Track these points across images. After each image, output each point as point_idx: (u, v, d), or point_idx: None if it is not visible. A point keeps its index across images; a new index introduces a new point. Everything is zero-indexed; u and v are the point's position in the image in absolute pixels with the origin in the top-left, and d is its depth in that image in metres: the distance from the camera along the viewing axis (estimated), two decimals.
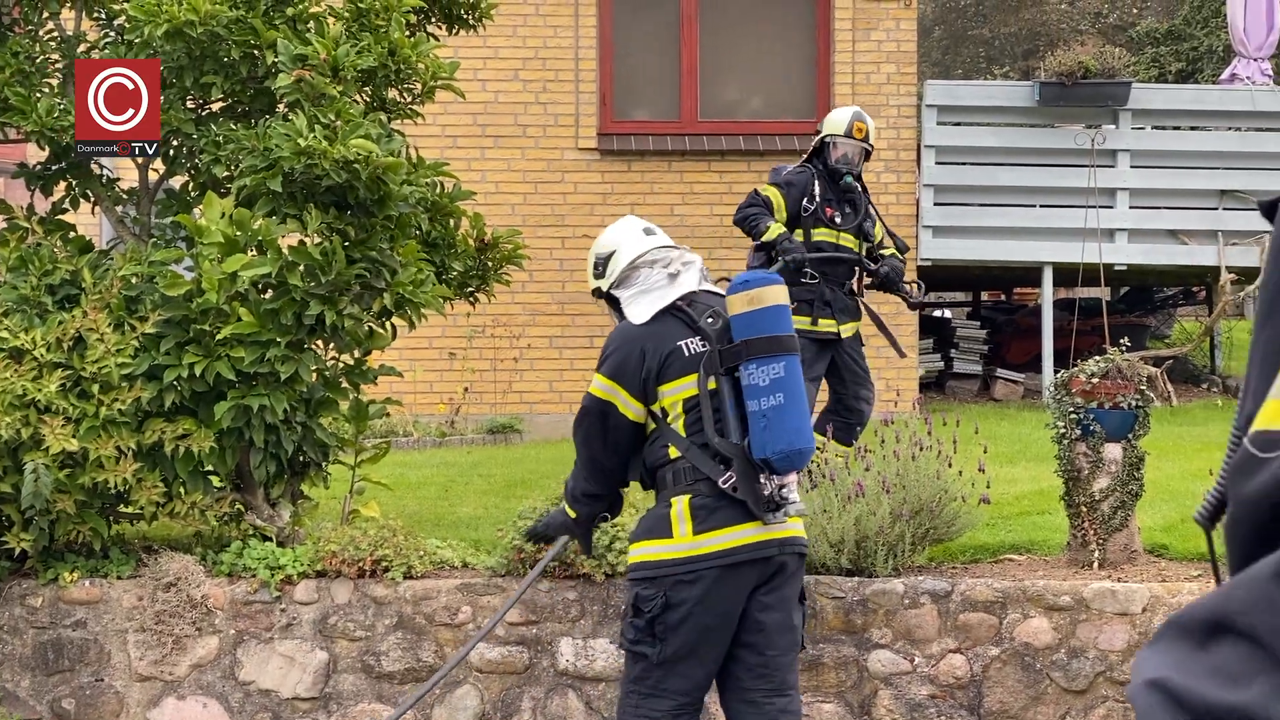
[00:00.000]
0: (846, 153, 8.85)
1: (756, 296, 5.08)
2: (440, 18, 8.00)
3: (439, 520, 8.18)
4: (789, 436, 4.99)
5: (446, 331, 12.20)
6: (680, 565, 5.04)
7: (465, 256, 7.84)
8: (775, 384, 5.01)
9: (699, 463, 5.09)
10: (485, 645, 6.90)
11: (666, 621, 5.05)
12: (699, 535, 5.04)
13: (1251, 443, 1.10)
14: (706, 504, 5.05)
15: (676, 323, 5.22)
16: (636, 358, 5.16)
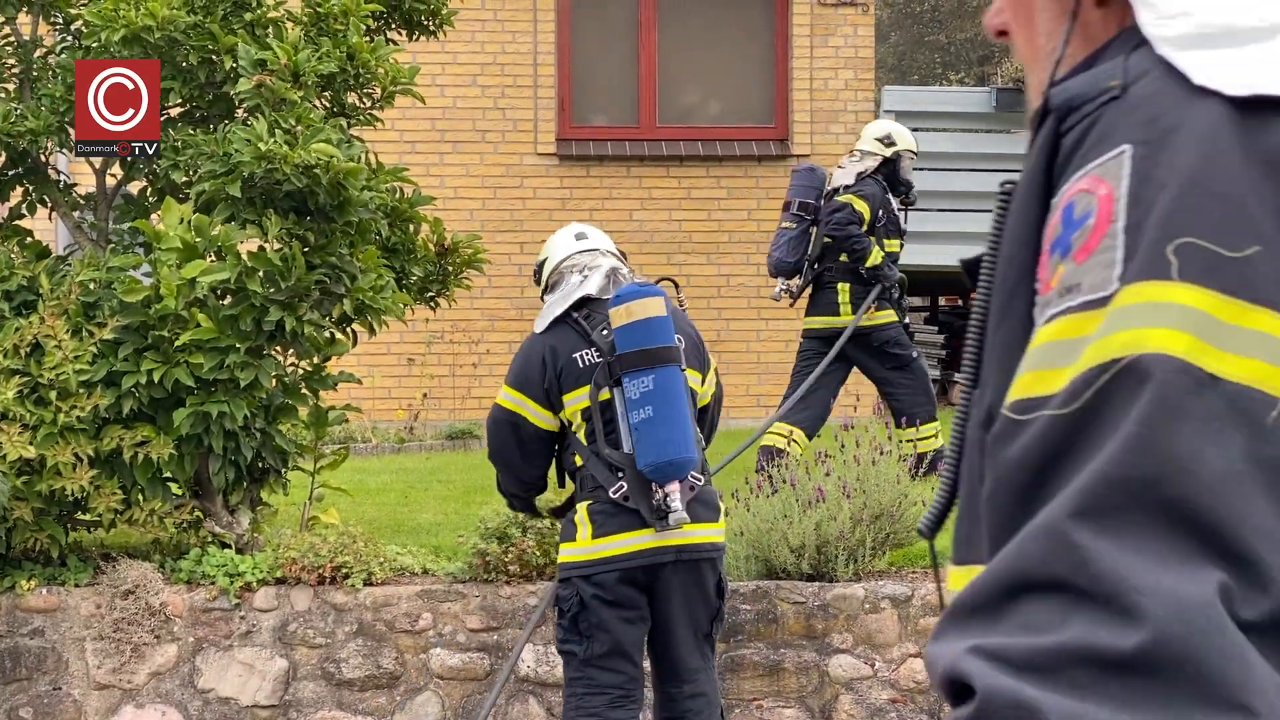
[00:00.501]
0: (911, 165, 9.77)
1: (631, 310, 5.20)
2: (400, 23, 7.97)
3: (399, 526, 8.16)
4: (658, 448, 5.12)
5: (405, 337, 12.16)
6: (582, 567, 5.27)
7: (425, 262, 7.82)
8: (644, 397, 5.15)
9: (596, 472, 5.26)
10: (446, 651, 6.90)
11: (588, 620, 5.26)
12: (596, 539, 5.24)
13: (1011, 410, 1.13)
14: (604, 510, 5.24)
15: (573, 333, 5.36)
16: (538, 367, 5.33)
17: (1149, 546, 1.02)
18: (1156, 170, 1.11)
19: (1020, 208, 1.25)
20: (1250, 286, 1.07)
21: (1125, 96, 1.16)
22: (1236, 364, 1.05)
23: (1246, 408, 1.04)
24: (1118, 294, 1.09)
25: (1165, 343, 1.05)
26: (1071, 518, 1.05)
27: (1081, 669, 1.01)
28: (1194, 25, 1.15)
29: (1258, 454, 1.04)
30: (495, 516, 6.92)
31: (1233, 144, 1.10)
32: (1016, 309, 1.22)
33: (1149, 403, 1.04)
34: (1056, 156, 1.21)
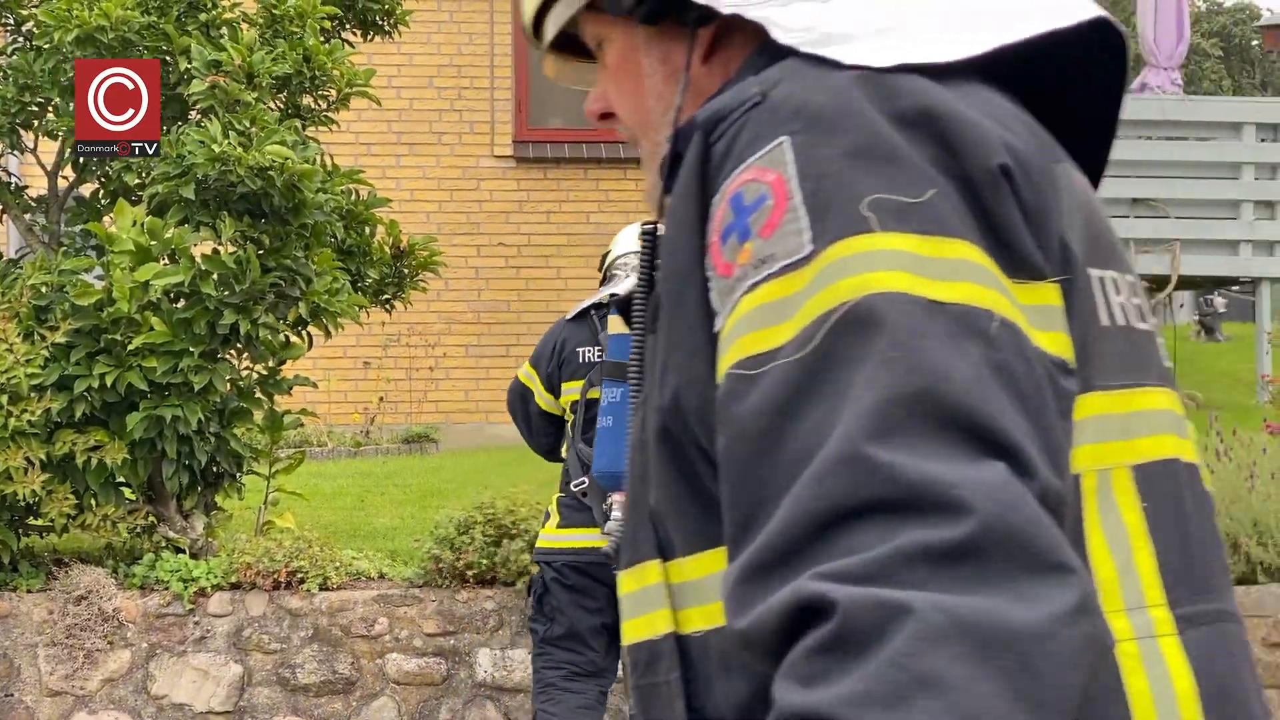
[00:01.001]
0: None
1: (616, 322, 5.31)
2: (355, 24, 7.93)
3: (355, 531, 8.11)
4: (606, 459, 5.17)
5: (361, 340, 12.11)
6: (548, 554, 5.57)
7: (381, 264, 7.78)
8: (610, 407, 5.21)
9: (570, 464, 5.56)
10: (402, 657, 6.86)
11: (550, 602, 5.54)
12: (560, 529, 5.53)
13: (739, 369, 1.23)
14: (570, 504, 5.52)
15: (586, 328, 5.67)
16: (549, 352, 5.69)
17: (941, 450, 1.12)
18: (818, 150, 1.26)
19: (679, 220, 1.36)
20: (940, 223, 1.23)
21: (766, 101, 1.32)
22: (951, 289, 1.19)
23: (973, 323, 1.19)
24: (819, 254, 1.22)
25: (887, 282, 1.19)
26: (867, 442, 1.12)
27: (921, 566, 1.08)
28: (821, 34, 1.36)
29: (992, 360, 1.18)
30: (450, 521, 6.88)
31: (876, 113, 1.27)
32: (688, 301, 1.33)
33: (894, 330, 1.16)
34: (708, 166, 1.34)
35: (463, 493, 7.72)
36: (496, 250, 12.76)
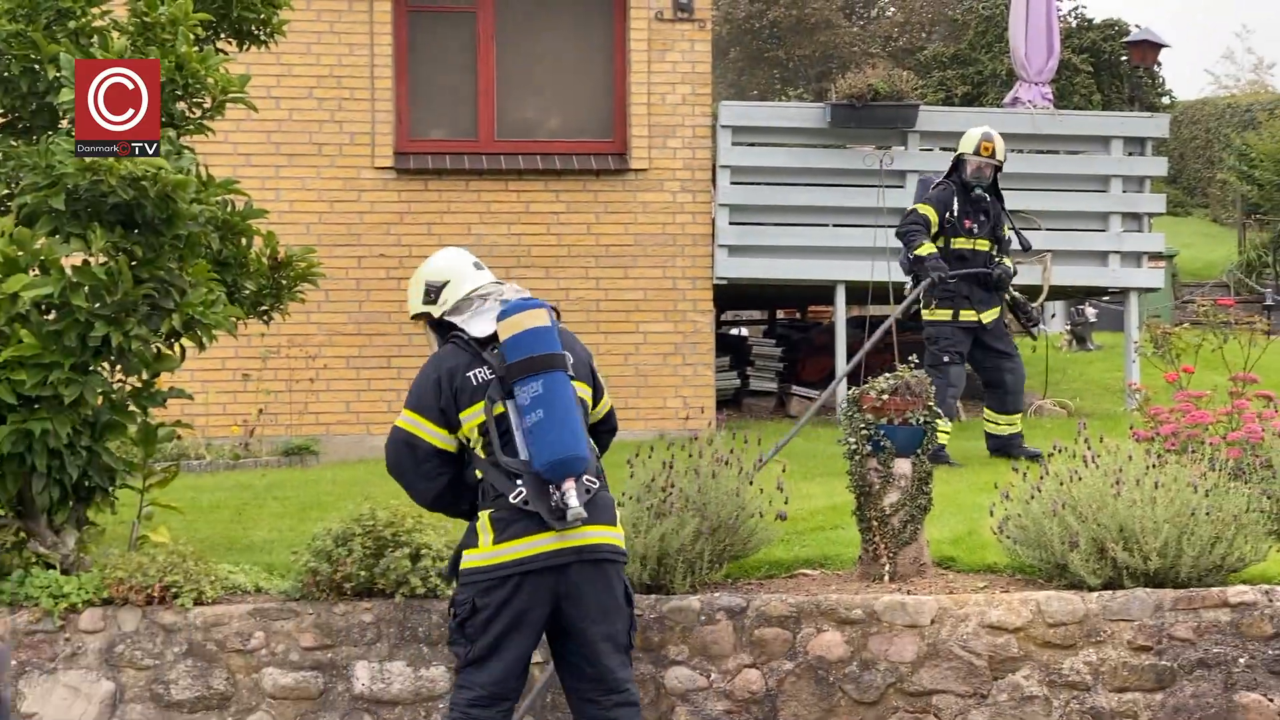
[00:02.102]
0: (979, 167, 10.73)
1: (514, 323, 5.62)
2: (230, 33, 7.88)
3: (232, 544, 8.04)
4: (551, 447, 5.48)
5: (240, 352, 12.00)
6: (483, 572, 5.54)
7: (258, 276, 7.72)
8: (535, 401, 5.54)
9: (495, 481, 5.57)
10: (278, 671, 6.81)
11: (474, 623, 5.55)
12: (498, 545, 5.52)
13: None
14: (505, 516, 5.53)
15: (462, 353, 5.71)
16: (432, 389, 5.68)
17: None
18: None
19: None
20: None
21: None
22: None
23: None
24: None
25: None
26: None
27: None
28: None
29: None
30: (328, 533, 6.85)
31: None
32: None
33: None
34: None
35: (343, 505, 7.66)
36: (377, 261, 12.70)
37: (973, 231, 10.76)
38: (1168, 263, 21.54)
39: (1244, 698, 6.80)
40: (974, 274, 10.66)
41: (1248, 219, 28.80)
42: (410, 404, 5.72)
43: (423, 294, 5.91)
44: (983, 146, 10.79)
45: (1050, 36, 15.60)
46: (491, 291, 5.86)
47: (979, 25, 29.33)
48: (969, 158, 10.80)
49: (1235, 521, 7.00)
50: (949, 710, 6.81)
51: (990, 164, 10.81)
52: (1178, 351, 11.16)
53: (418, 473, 5.71)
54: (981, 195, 10.78)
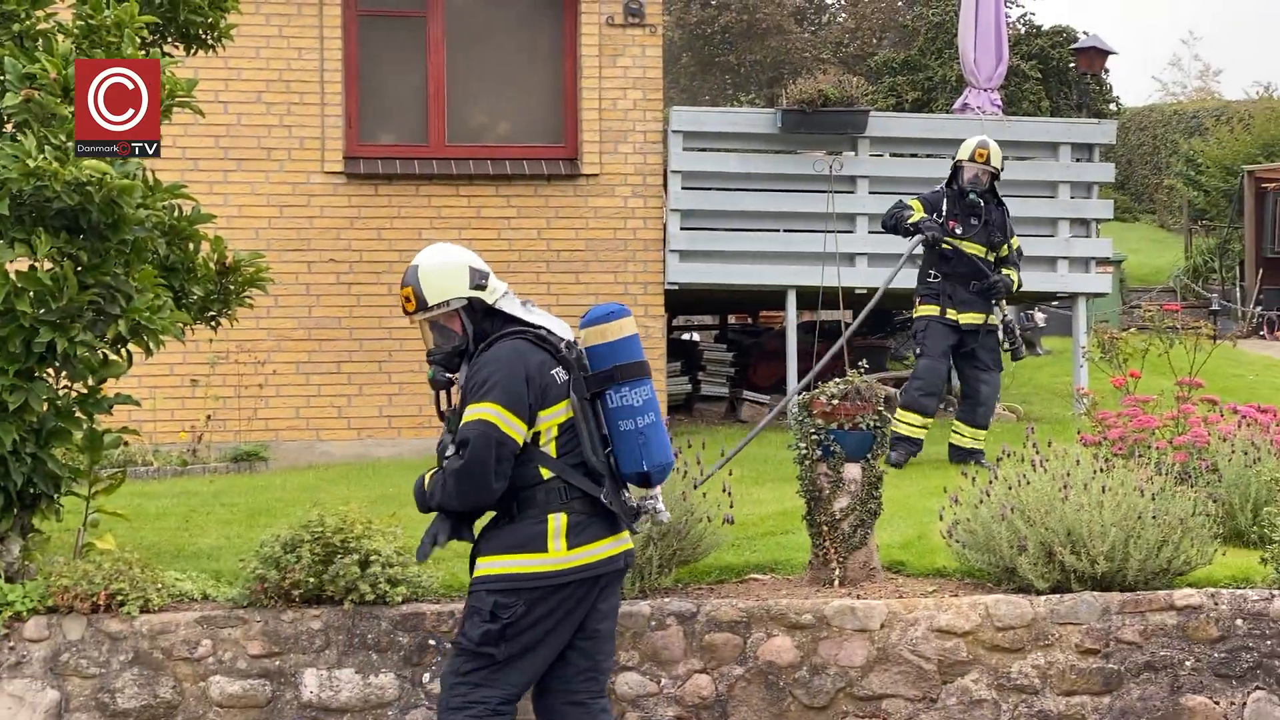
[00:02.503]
0: (975, 174, 11.10)
1: (623, 326, 5.65)
2: (177, 36, 7.82)
3: (179, 551, 7.98)
4: (664, 450, 5.66)
5: (188, 358, 11.92)
6: (551, 577, 5.50)
7: (206, 281, 7.67)
8: (647, 404, 5.61)
9: (575, 480, 5.54)
10: (226, 679, 6.76)
11: (519, 626, 5.49)
12: (572, 550, 5.51)
13: None
14: (580, 521, 5.53)
15: (544, 353, 5.60)
16: (522, 383, 5.49)
17: None
18: None
19: None
20: None
21: None
22: None
23: None
24: None
25: None
26: None
27: None
28: None
29: None
30: (276, 540, 6.81)
31: None
32: None
33: None
34: None
35: (292, 511, 7.63)
36: (327, 267, 12.64)
37: (956, 232, 11.02)
38: (1115, 268, 21.67)
39: (1190, 700, 6.84)
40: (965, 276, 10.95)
41: (1194, 225, 29.04)
42: (498, 399, 5.44)
43: (468, 279, 5.67)
44: (977, 153, 11.13)
45: (999, 43, 15.67)
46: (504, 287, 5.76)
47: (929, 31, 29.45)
48: (965, 164, 11.13)
49: (1181, 525, 7.05)
50: (898, 714, 6.83)
51: (986, 170, 11.12)
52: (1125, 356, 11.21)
53: (497, 472, 5.45)
54: (976, 201, 11.06)
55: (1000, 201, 11.29)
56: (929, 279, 11.02)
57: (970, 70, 15.71)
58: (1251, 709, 6.84)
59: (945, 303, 10.96)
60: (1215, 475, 8.15)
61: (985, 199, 11.13)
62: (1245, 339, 22.33)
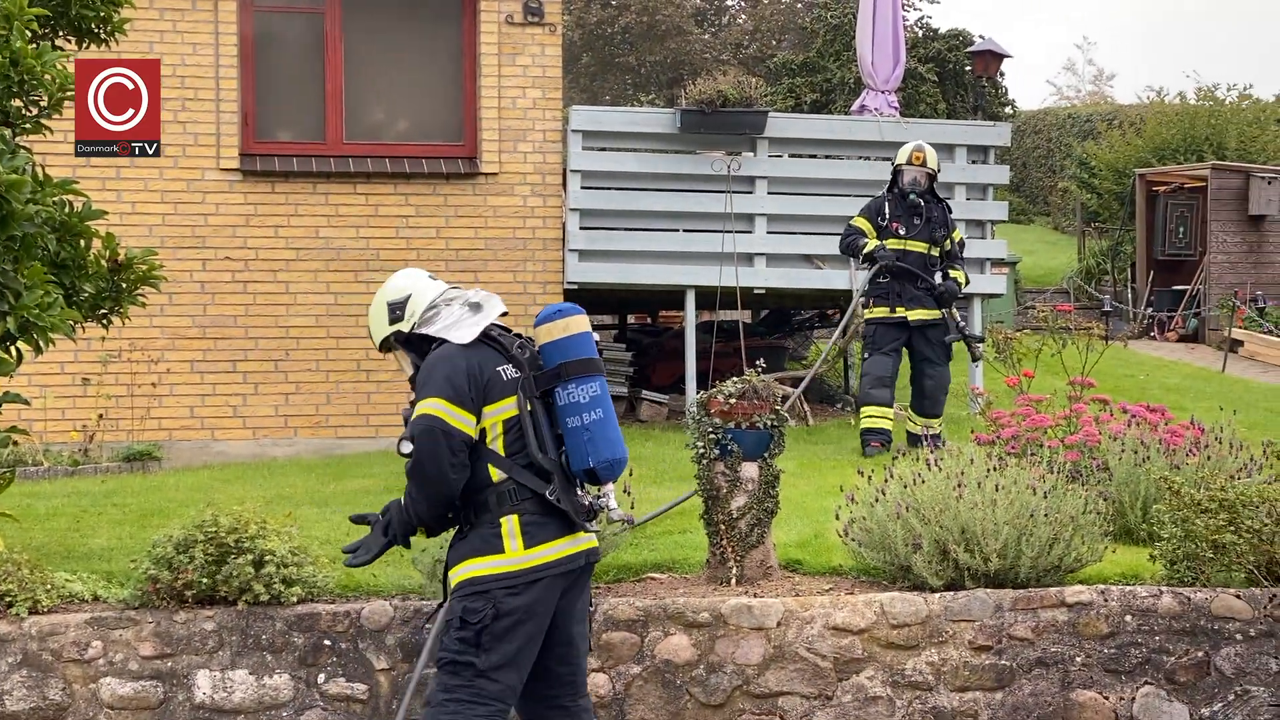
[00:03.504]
0: (914, 176, 11.57)
1: (569, 324, 5.69)
2: (69, 30, 7.70)
3: (69, 552, 7.87)
4: (611, 446, 5.63)
5: (80, 356, 11.76)
6: (511, 578, 5.49)
7: (97, 278, 7.55)
8: (594, 400, 5.62)
9: (524, 480, 5.55)
10: (117, 680, 6.68)
11: (494, 631, 5.46)
12: (529, 550, 5.51)
13: None
14: (534, 520, 5.53)
15: (490, 350, 5.64)
16: (463, 376, 5.54)
17: None
18: None
19: None
20: None
21: None
22: None
23: None
24: None
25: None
26: None
27: None
28: None
29: None
30: (169, 540, 6.73)
31: None
32: None
33: None
34: None
35: (185, 511, 7.55)
36: (223, 265, 12.51)
37: (900, 233, 11.48)
38: (1010, 269, 21.93)
39: (1080, 695, 6.94)
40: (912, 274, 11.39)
41: (1087, 227, 29.42)
42: (439, 392, 5.51)
43: (387, 315, 5.79)
44: (914, 156, 11.62)
45: (896, 46, 15.81)
46: (456, 296, 5.80)
47: (828, 34, 29.64)
48: (904, 168, 11.60)
49: (1073, 523, 7.15)
50: (795, 712, 6.87)
51: (923, 171, 11.60)
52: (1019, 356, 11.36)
53: (452, 464, 5.49)
54: (916, 201, 11.52)
55: (940, 199, 11.75)
56: (879, 281, 11.43)
57: (868, 72, 15.84)
58: (1140, 704, 6.95)
59: (894, 301, 11.40)
60: (1106, 474, 8.27)
61: (925, 198, 11.57)
62: (1136, 339, 22.67)
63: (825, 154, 14.61)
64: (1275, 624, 6.98)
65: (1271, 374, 18.63)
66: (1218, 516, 7.10)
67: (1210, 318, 22.96)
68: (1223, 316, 22.03)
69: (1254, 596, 7.02)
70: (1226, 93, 30.31)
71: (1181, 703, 6.96)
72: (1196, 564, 7.15)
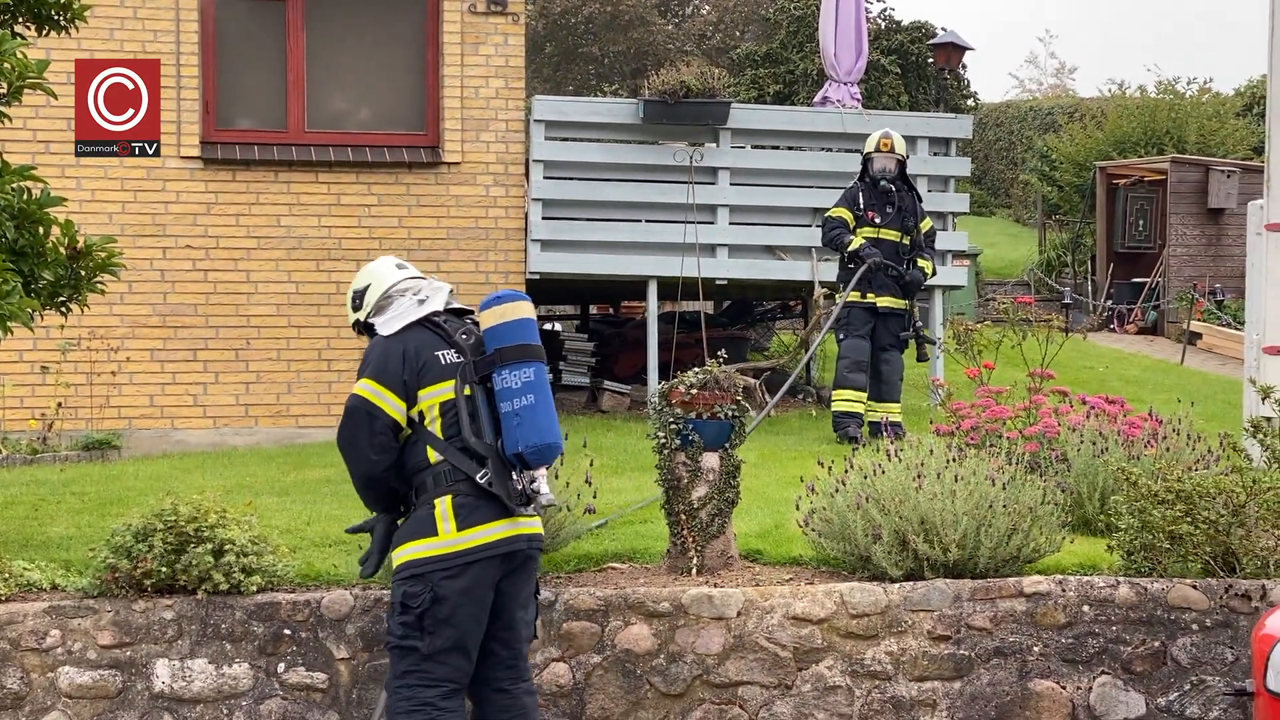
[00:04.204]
0: (884, 165, 11.81)
1: (506, 311, 5.81)
2: (29, 17, 7.67)
3: (27, 541, 7.83)
4: (540, 432, 5.69)
5: (39, 344, 11.69)
6: (447, 560, 5.63)
7: (56, 265, 7.53)
8: (526, 386, 5.71)
9: (458, 463, 5.69)
10: (75, 670, 6.65)
11: (435, 615, 5.61)
12: (462, 531, 5.65)
13: None
14: (467, 502, 5.66)
15: (431, 334, 5.85)
16: (397, 360, 5.77)
17: None
18: None
19: None
20: None
21: None
22: None
23: None
24: None
25: None
26: None
27: None
28: None
29: None
30: (128, 529, 6.70)
31: None
32: None
33: None
34: None
35: (145, 500, 7.52)
36: (183, 253, 12.45)
37: (875, 222, 11.76)
38: (971, 261, 22.03)
39: (1038, 685, 6.99)
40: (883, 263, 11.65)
41: (1048, 219, 29.56)
42: (371, 374, 5.77)
43: (350, 302, 6.08)
44: (881, 143, 11.86)
45: (859, 37, 15.85)
46: (409, 287, 5.98)
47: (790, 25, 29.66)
48: (873, 155, 11.85)
49: (1031, 513, 7.20)
50: (754, 701, 6.90)
51: (892, 157, 11.85)
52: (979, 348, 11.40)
53: (372, 444, 5.71)
54: (888, 188, 11.79)
55: (912, 187, 12.01)
56: (850, 267, 11.68)
57: (831, 64, 15.87)
58: (1097, 693, 7.00)
59: (864, 287, 11.64)
60: (1065, 465, 8.32)
61: (896, 185, 11.81)
62: (1096, 332, 22.80)
63: (788, 145, 14.64)
64: (1231, 614, 7.04)
65: (1229, 366, 18.77)
66: (1174, 507, 7.15)
67: (1169, 310, 23.11)
68: (1182, 309, 22.18)
69: (1210, 587, 7.08)
70: (1187, 86, 30.51)
71: (1138, 692, 7.01)
72: (1153, 555, 7.20)
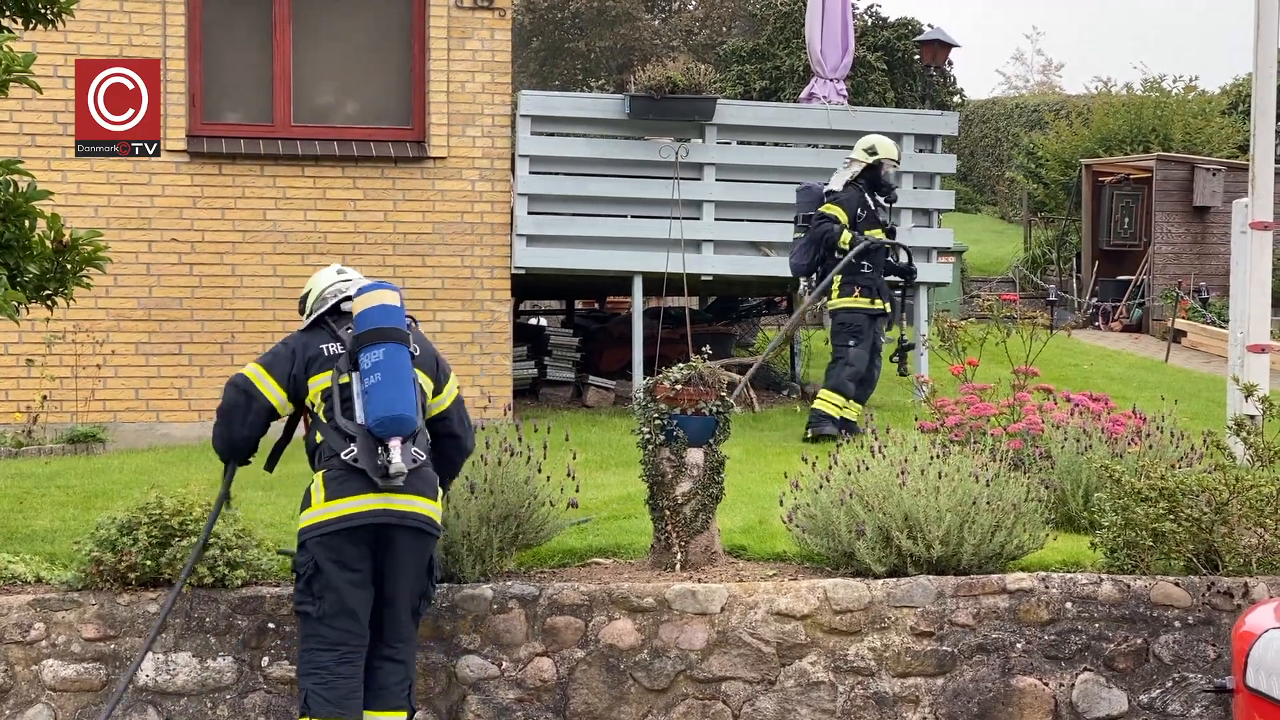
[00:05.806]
0: (888, 172, 12.09)
1: (369, 298, 6.31)
2: (15, 10, 7.65)
3: (12, 534, 7.83)
4: (385, 404, 6.10)
5: (24, 337, 11.68)
6: (317, 529, 6.12)
7: (42, 259, 7.51)
8: (375, 365, 6.17)
9: (333, 442, 6.19)
10: (60, 662, 6.66)
11: (320, 581, 6.10)
12: (329, 502, 6.10)
13: None
14: (337, 476, 6.13)
15: (322, 331, 6.45)
16: (287, 355, 6.41)
17: None
18: None
19: None
20: None
21: None
22: None
23: None
24: None
25: None
26: None
27: None
28: None
29: None
30: (113, 522, 6.70)
31: None
32: None
33: None
34: None
35: (130, 494, 7.51)
36: (169, 246, 12.44)
37: (883, 224, 12.12)
38: (957, 258, 22.06)
39: (1021, 681, 7.02)
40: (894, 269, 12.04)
41: (1034, 217, 29.63)
42: (262, 361, 6.44)
43: (299, 305, 6.71)
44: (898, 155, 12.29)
45: (845, 34, 15.88)
46: (343, 289, 6.51)
47: (777, 21, 29.71)
48: (887, 162, 12.07)
49: (1015, 510, 7.22)
50: (737, 697, 6.92)
51: (896, 167, 12.33)
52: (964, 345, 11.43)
53: (244, 421, 6.38)
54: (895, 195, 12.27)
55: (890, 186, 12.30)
56: (862, 270, 11.69)
57: (817, 60, 15.89)
58: (1080, 690, 7.03)
59: (876, 295, 11.76)
60: (1048, 462, 8.35)
61: None
62: (1080, 329, 22.86)
63: (774, 141, 14.65)
64: (1213, 612, 7.08)
65: (1214, 364, 18.83)
66: (1158, 505, 7.18)
67: (1154, 308, 23.17)
68: (1166, 307, 22.24)
69: (1192, 584, 7.11)
70: (1173, 84, 30.57)
71: (1120, 689, 7.05)
72: (1136, 552, 7.23)
